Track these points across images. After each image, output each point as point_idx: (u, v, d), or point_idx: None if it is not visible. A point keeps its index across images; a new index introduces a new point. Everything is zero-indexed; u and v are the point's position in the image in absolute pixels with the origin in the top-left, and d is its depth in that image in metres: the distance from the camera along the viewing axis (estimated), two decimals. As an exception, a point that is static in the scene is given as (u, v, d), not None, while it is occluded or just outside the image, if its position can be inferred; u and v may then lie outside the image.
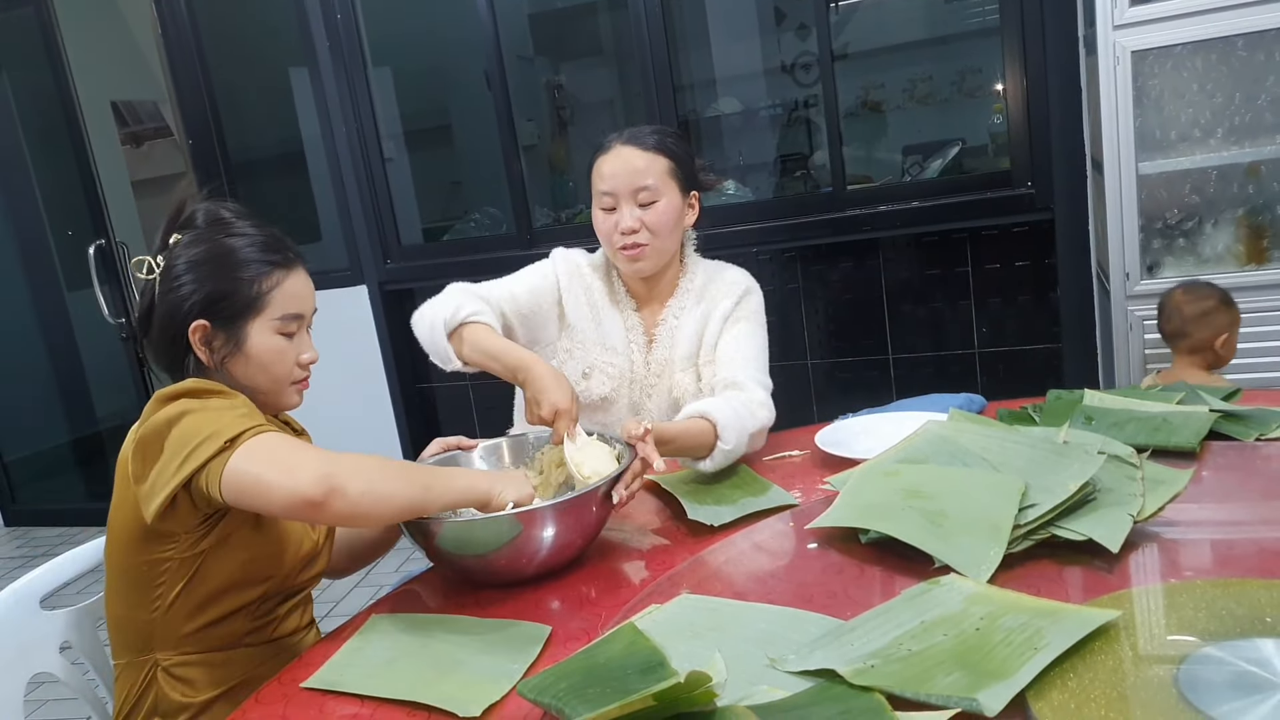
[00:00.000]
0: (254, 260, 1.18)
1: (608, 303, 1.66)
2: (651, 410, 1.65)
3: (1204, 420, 1.29)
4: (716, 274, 1.68)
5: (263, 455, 1.02)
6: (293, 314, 1.20)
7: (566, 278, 1.66)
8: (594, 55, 4.34)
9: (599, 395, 1.61)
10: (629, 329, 1.65)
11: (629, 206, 1.56)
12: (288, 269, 1.20)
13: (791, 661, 0.85)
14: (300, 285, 1.22)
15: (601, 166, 1.58)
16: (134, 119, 4.98)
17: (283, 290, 1.19)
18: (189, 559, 1.12)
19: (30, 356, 4.40)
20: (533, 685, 0.86)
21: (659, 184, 1.56)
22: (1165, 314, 2.15)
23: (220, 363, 1.18)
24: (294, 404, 1.26)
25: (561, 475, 1.30)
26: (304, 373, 1.24)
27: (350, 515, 1.03)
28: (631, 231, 1.56)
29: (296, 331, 1.21)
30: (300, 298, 1.21)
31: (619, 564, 1.21)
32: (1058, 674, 0.77)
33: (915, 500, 1.11)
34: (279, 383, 1.21)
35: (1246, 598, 0.86)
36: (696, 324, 1.64)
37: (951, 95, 3.90)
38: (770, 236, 2.99)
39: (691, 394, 1.61)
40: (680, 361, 1.63)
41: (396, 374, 3.56)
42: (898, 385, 3.05)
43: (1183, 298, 2.12)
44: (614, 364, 1.63)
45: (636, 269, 1.61)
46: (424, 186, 3.94)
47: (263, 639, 1.21)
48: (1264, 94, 2.21)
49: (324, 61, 3.36)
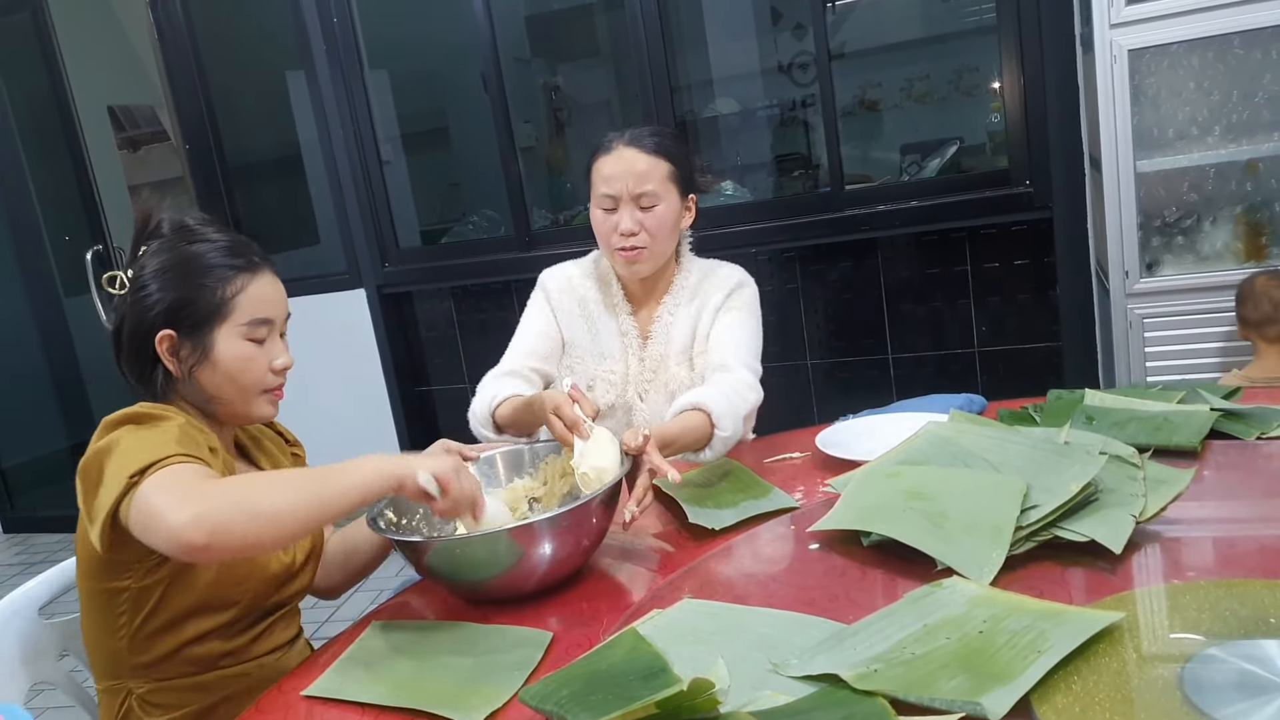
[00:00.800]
0: (217, 266, 1.15)
1: (603, 310, 1.68)
2: (647, 409, 1.66)
3: (1205, 419, 1.28)
4: (711, 271, 1.70)
5: (160, 491, 0.95)
6: (260, 319, 1.16)
7: (558, 296, 1.69)
8: (591, 56, 4.33)
9: (605, 404, 1.63)
10: (624, 333, 1.67)
11: (629, 209, 1.57)
12: (253, 273, 1.17)
13: (794, 666, 0.85)
14: (268, 289, 1.18)
15: (603, 166, 1.58)
16: (131, 124, 4.97)
17: (248, 295, 1.15)
18: (148, 587, 1.09)
19: (28, 362, 4.39)
20: (535, 692, 0.86)
21: (659, 188, 1.57)
22: (1251, 301, 2.07)
23: (188, 373, 1.15)
24: (267, 415, 1.21)
25: (566, 486, 1.28)
26: (277, 380, 1.19)
27: (241, 549, 0.95)
28: (631, 234, 1.57)
29: (267, 337, 1.18)
30: (268, 302, 1.18)
31: (620, 569, 1.20)
32: (1061, 677, 0.77)
33: (917, 502, 1.11)
34: (248, 391, 1.17)
35: (1250, 598, 0.85)
36: (690, 318, 1.66)
37: (949, 94, 3.90)
38: (768, 237, 2.99)
39: (686, 386, 1.63)
40: (675, 356, 1.66)
41: (395, 377, 3.56)
42: (898, 385, 3.05)
43: (1269, 283, 2.06)
44: (614, 371, 1.66)
45: (634, 271, 1.62)
46: (422, 189, 3.94)
47: (241, 660, 1.18)
48: (1261, 91, 2.21)
49: (321, 65, 3.35)
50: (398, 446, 3.61)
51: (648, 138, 1.59)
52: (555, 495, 1.28)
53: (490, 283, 3.43)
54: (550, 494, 1.28)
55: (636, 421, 1.66)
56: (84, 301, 3.79)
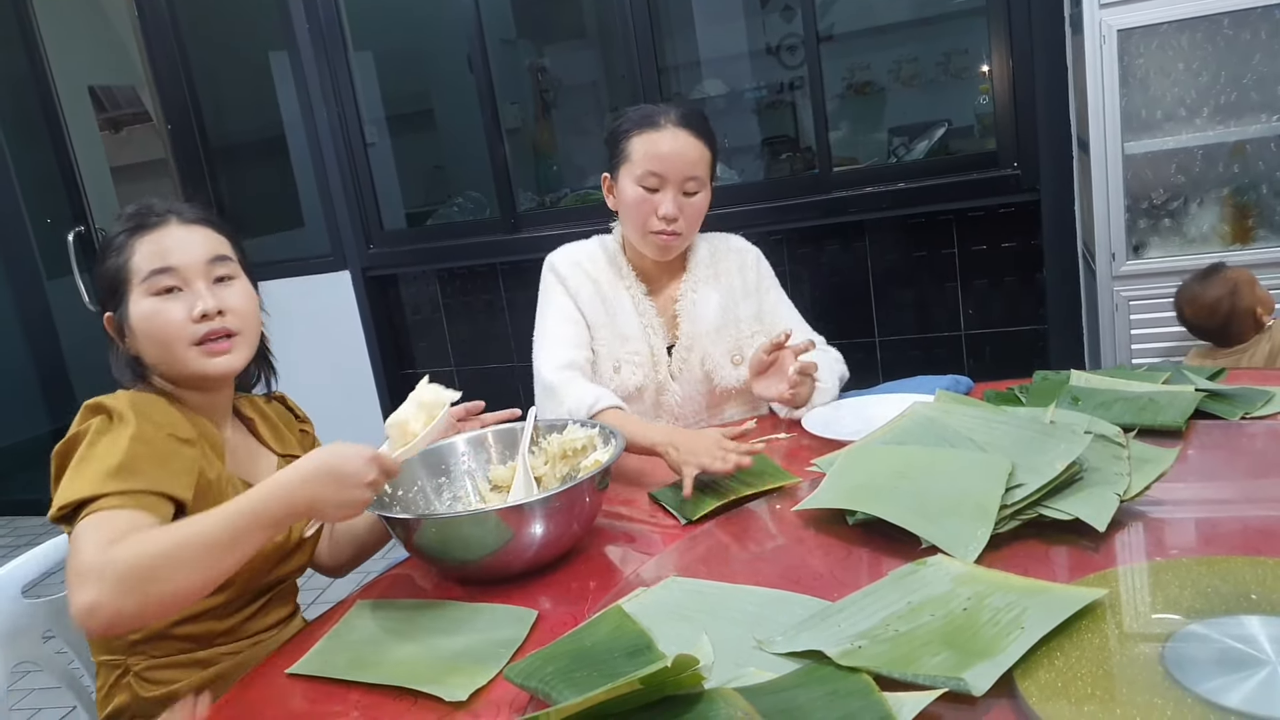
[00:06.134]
0: (116, 235, 1.14)
1: (617, 291, 1.64)
2: (680, 389, 1.64)
3: (1190, 400, 1.29)
4: (720, 244, 1.70)
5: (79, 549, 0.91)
6: (157, 269, 1.11)
7: (573, 281, 1.63)
8: (577, 38, 4.30)
9: (634, 386, 1.60)
10: (641, 313, 1.64)
11: (673, 193, 1.54)
12: (149, 230, 1.13)
13: (779, 643, 0.85)
14: (167, 240, 1.12)
15: (656, 144, 1.53)
16: (112, 104, 4.90)
17: (142, 252, 1.12)
18: None
19: (10, 345, 4.36)
20: (520, 669, 0.86)
21: (704, 174, 1.56)
22: (1201, 319, 2.14)
23: (130, 349, 1.14)
24: (205, 369, 1.12)
25: (565, 467, 1.28)
26: (202, 327, 1.11)
27: (139, 624, 0.96)
28: (672, 219, 1.54)
29: (178, 288, 1.12)
30: (163, 251, 1.12)
31: (606, 547, 1.20)
32: (1045, 653, 0.77)
33: (902, 481, 1.11)
34: (172, 348, 1.11)
35: (1231, 575, 0.86)
36: (720, 295, 1.66)
37: (937, 76, 3.89)
38: (756, 219, 2.98)
39: (724, 365, 1.63)
40: (709, 335, 1.64)
41: (380, 359, 3.54)
42: (884, 367, 3.05)
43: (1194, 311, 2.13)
44: (638, 352, 1.62)
45: (665, 254, 1.60)
46: (407, 171, 3.91)
47: (238, 636, 1.18)
48: (1250, 73, 2.21)
49: (304, 45, 3.31)
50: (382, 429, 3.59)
51: (697, 121, 1.55)
52: (555, 478, 1.27)
53: (476, 265, 3.41)
54: (551, 475, 1.27)
55: (668, 403, 1.64)
56: (66, 284, 3.75)
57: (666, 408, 1.65)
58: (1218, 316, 2.10)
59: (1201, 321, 2.14)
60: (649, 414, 1.64)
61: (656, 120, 1.54)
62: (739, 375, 1.63)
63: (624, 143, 1.56)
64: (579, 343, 1.60)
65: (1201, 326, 2.15)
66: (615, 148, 1.58)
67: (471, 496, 1.31)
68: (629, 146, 1.55)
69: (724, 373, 1.63)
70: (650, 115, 1.55)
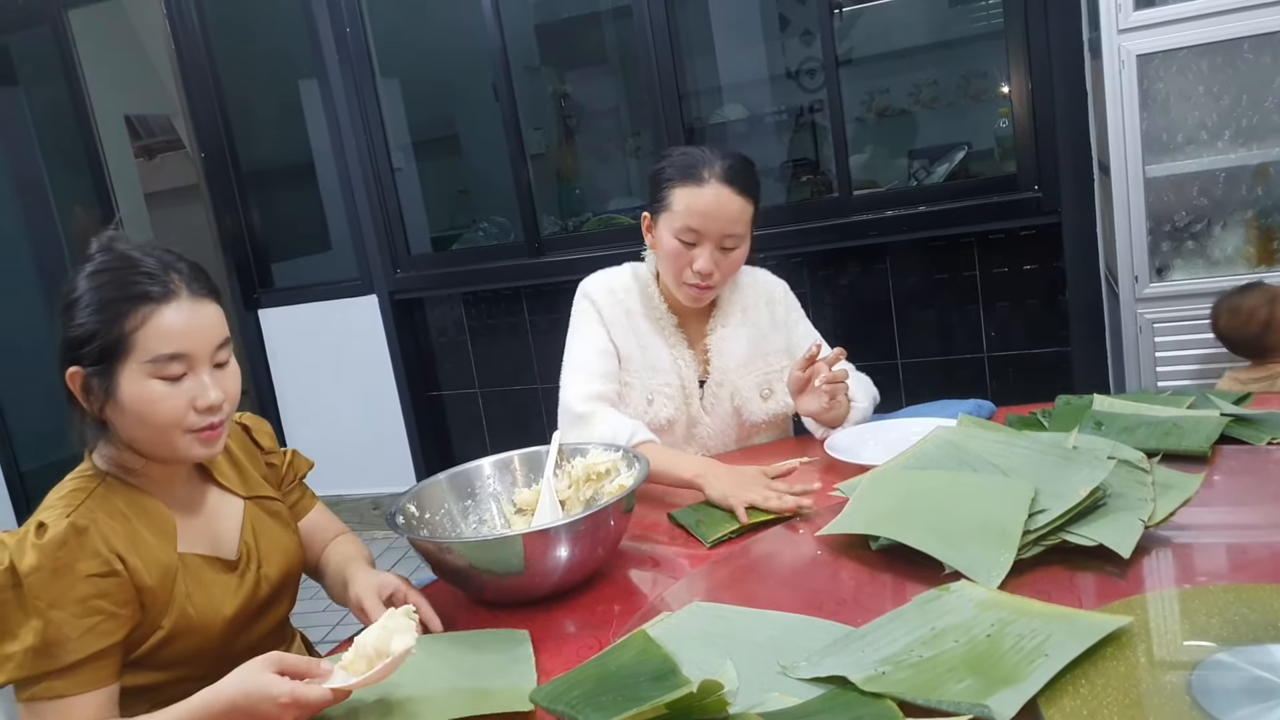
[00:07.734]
0: (114, 298, 1.01)
1: (648, 323, 1.64)
2: (712, 423, 1.65)
3: (1215, 424, 1.28)
4: (747, 279, 1.71)
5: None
6: (167, 355, 1.01)
7: (609, 310, 1.63)
8: (599, 64, 4.36)
9: (665, 419, 1.61)
10: (673, 346, 1.64)
11: (710, 249, 1.53)
12: (159, 303, 1.01)
13: (803, 668, 0.85)
14: (177, 319, 1.01)
15: (695, 201, 1.51)
16: (147, 133, 5.03)
17: (151, 329, 1.00)
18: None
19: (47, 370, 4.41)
20: (545, 693, 0.87)
21: (744, 230, 1.56)
22: (1237, 327, 2.13)
23: (99, 412, 1.04)
24: (198, 455, 1.07)
25: (589, 491, 1.29)
26: (204, 419, 1.04)
27: None
28: (707, 275, 1.54)
29: (184, 375, 1.03)
30: (178, 334, 1.01)
31: (630, 570, 1.21)
32: (1069, 680, 0.77)
33: (925, 506, 1.11)
34: (167, 434, 1.03)
35: (1260, 602, 0.85)
36: (749, 330, 1.67)
37: (957, 99, 3.90)
38: (777, 242, 2.99)
39: (753, 400, 1.64)
40: (739, 370, 1.65)
41: (407, 382, 3.58)
42: (906, 390, 3.04)
43: (1230, 319, 2.12)
44: (669, 384, 1.62)
45: (697, 304, 1.61)
46: (432, 196, 3.97)
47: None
48: (1271, 96, 2.21)
49: (333, 73, 3.38)
50: (408, 451, 3.62)
51: (739, 176, 1.53)
52: (579, 502, 1.29)
53: (500, 289, 3.45)
54: (574, 500, 1.29)
55: (699, 436, 1.65)
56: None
57: (698, 440, 1.66)
58: (1254, 324, 2.08)
59: (1237, 330, 2.11)
60: (679, 446, 1.64)
61: (700, 174, 1.51)
62: (767, 410, 1.65)
63: (665, 190, 1.55)
64: (608, 375, 1.59)
65: (1237, 337, 2.12)
66: (657, 192, 1.57)
67: (496, 519, 1.33)
68: (670, 196, 1.54)
69: (753, 407, 1.64)
70: (694, 167, 1.52)
